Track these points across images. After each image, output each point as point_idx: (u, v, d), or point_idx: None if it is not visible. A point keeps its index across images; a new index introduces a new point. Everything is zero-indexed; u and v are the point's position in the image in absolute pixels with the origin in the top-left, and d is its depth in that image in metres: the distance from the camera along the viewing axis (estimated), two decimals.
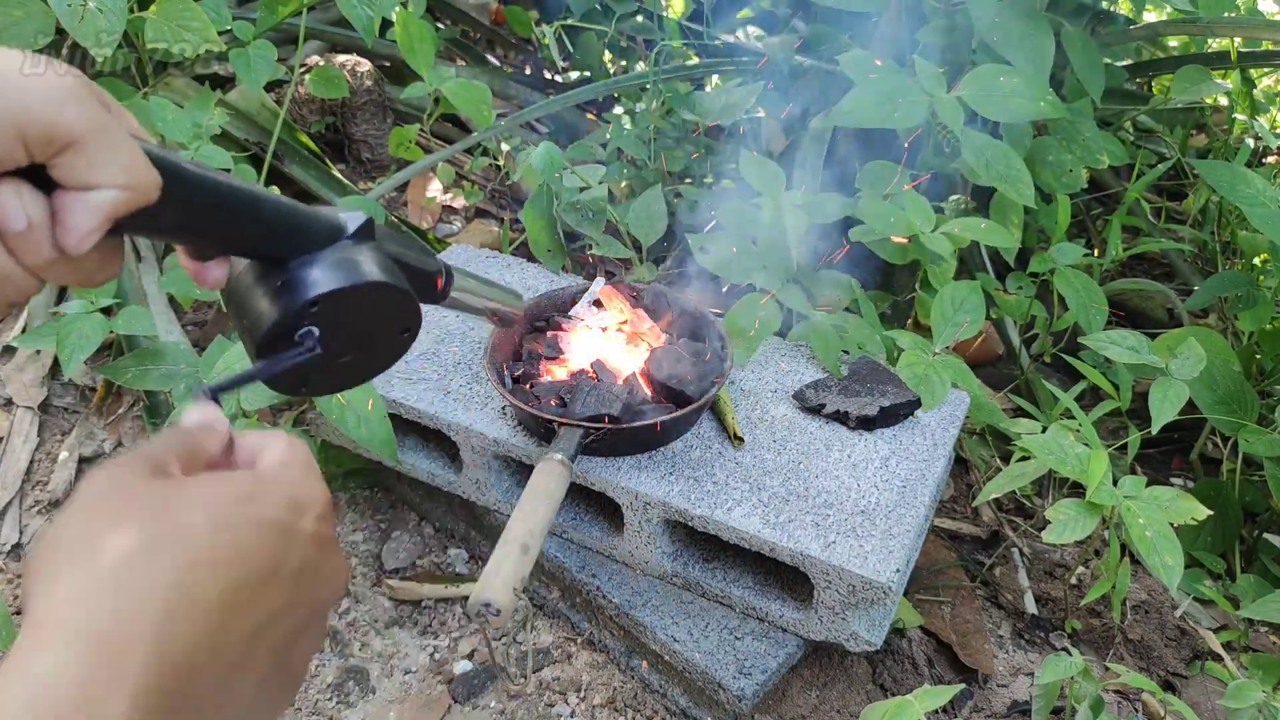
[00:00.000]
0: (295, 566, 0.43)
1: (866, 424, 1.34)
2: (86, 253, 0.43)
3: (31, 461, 1.58)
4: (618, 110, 2.14)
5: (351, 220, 0.56)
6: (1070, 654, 1.18)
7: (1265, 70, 2.45)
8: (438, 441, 1.44)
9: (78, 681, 0.34)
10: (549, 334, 1.43)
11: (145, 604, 0.37)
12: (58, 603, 0.37)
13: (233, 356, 1.31)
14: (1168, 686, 1.40)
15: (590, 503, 1.37)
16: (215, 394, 0.51)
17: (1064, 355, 1.73)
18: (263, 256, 0.53)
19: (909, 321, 1.76)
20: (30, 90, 0.40)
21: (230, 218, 0.49)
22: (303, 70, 2.04)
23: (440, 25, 2.69)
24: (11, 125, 0.39)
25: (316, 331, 0.53)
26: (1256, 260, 1.97)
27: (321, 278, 0.53)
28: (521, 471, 1.39)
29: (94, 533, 0.39)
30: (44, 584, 0.38)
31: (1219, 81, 1.96)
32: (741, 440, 1.31)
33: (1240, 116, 2.18)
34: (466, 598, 1.38)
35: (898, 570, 1.13)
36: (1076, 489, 1.31)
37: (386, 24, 1.75)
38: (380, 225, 0.59)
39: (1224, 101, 2.27)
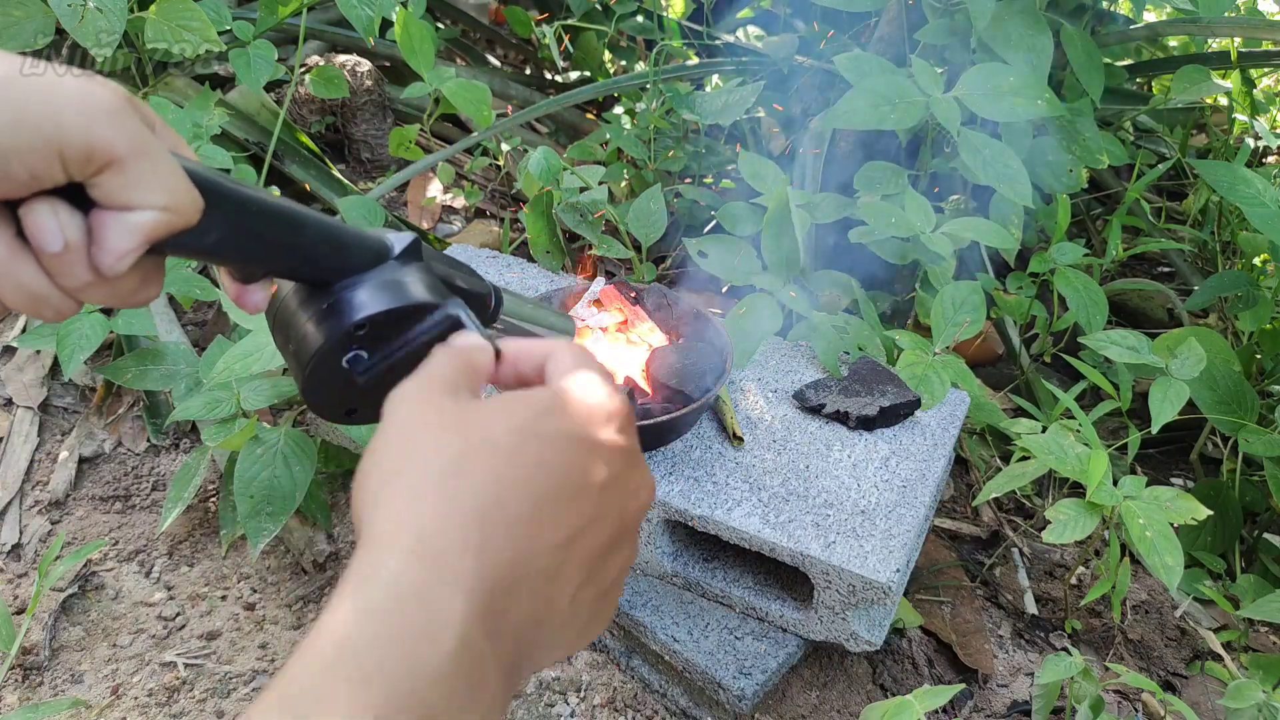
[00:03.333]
0: (601, 478, 0.43)
1: (866, 424, 1.34)
2: (125, 274, 0.42)
3: (31, 461, 1.58)
4: (618, 110, 2.14)
5: (398, 241, 0.54)
6: (1070, 654, 1.18)
7: (1265, 70, 2.45)
8: None
9: (418, 584, 0.37)
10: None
11: (464, 516, 0.39)
12: (390, 516, 0.39)
13: (232, 357, 1.31)
14: (1168, 686, 1.40)
15: None
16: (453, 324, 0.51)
17: (1064, 355, 1.73)
18: (307, 279, 0.52)
19: (909, 321, 1.76)
20: (69, 106, 0.38)
21: (273, 238, 0.48)
22: (303, 70, 2.04)
23: (440, 25, 2.69)
24: (50, 142, 0.38)
25: (366, 355, 0.51)
26: (1256, 260, 1.97)
27: (368, 299, 0.51)
28: None
29: (410, 453, 0.41)
30: (372, 502, 0.40)
31: (1219, 81, 1.96)
32: (741, 440, 1.31)
33: (1240, 116, 2.18)
34: None
35: (898, 570, 1.13)
36: (1076, 489, 1.31)
37: (386, 24, 1.75)
38: (427, 246, 0.57)
39: (1224, 101, 2.27)
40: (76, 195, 0.40)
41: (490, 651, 0.38)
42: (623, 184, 1.95)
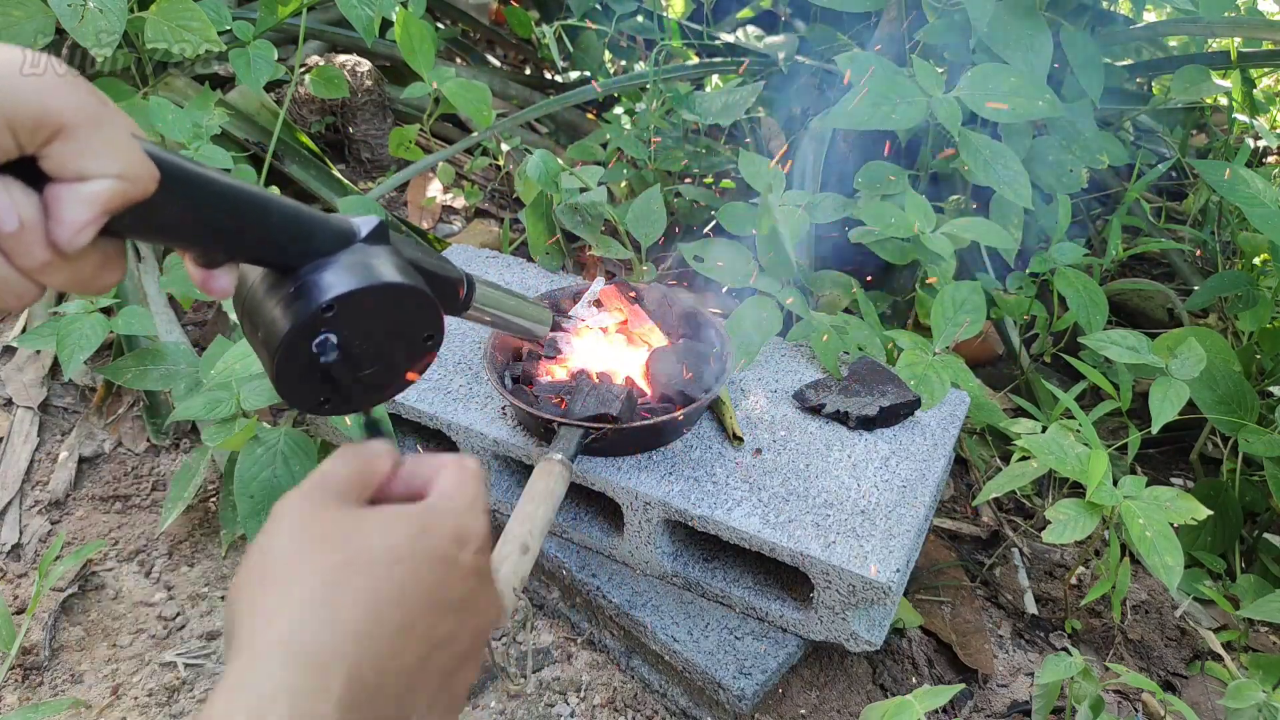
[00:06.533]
0: (457, 597, 0.46)
1: (866, 424, 1.34)
2: (85, 255, 0.42)
3: (31, 461, 1.58)
4: (618, 110, 2.13)
5: (364, 224, 0.54)
6: (1070, 654, 1.18)
7: (1265, 70, 2.45)
8: (438, 441, 1.44)
9: (292, 692, 0.38)
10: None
11: (341, 629, 0.41)
12: (269, 625, 0.41)
13: (232, 357, 1.31)
14: (1168, 686, 1.40)
15: (590, 503, 1.37)
16: (370, 428, 0.55)
17: (1064, 355, 1.73)
18: (272, 263, 0.51)
19: (909, 321, 1.76)
20: (18, 77, 0.39)
21: (234, 220, 0.47)
22: (303, 70, 2.04)
23: (440, 25, 2.69)
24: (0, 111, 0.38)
25: (335, 339, 0.51)
26: (1256, 260, 1.97)
27: (335, 281, 0.51)
28: (521, 471, 1.39)
29: (291, 561, 0.43)
30: (249, 609, 0.42)
31: (1219, 81, 1.96)
32: (741, 440, 1.31)
33: (1240, 116, 2.18)
34: None
35: (898, 570, 1.13)
36: (1076, 489, 1.31)
37: (386, 24, 1.75)
38: (395, 232, 0.56)
39: (1224, 101, 2.27)
40: (30, 176, 0.40)
41: None
42: (623, 184, 1.95)
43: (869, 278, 1.73)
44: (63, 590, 1.39)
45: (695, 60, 2.25)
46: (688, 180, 1.95)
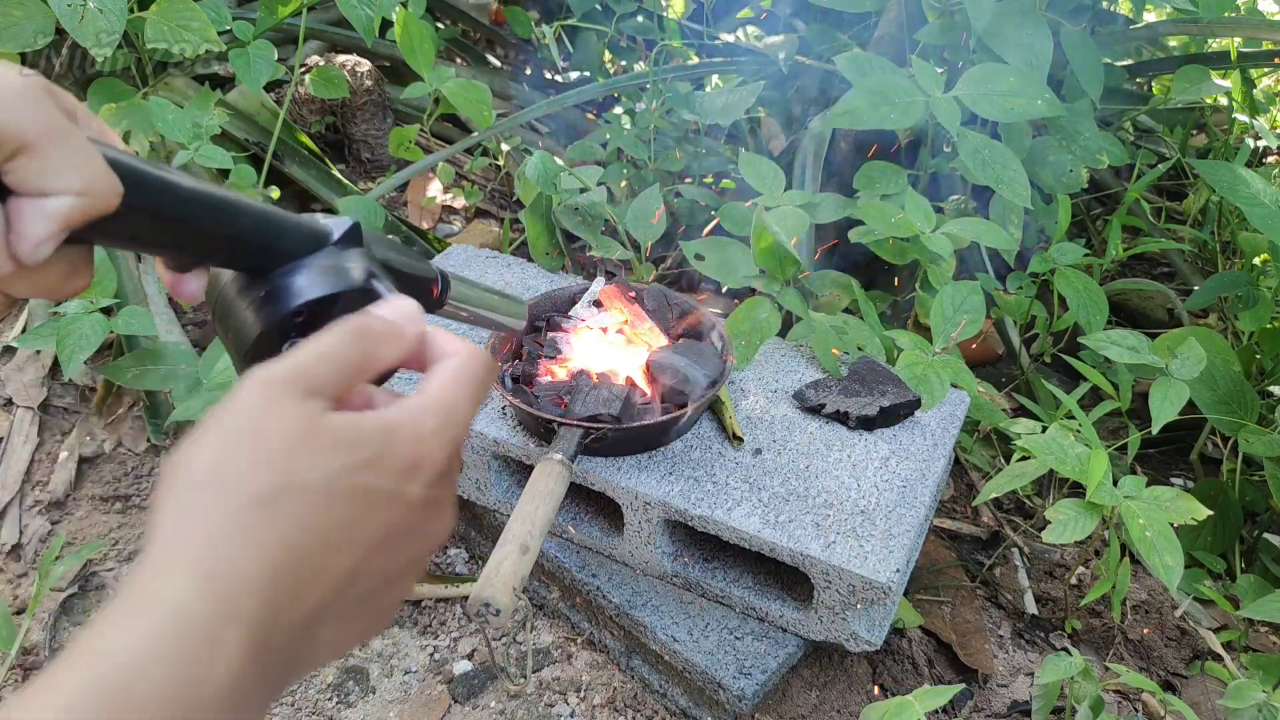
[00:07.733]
0: (398, 531, 0.44)
1: (866, 424, 1.34)
2: (50, 265, 0.42)
3: (31, 461, 1.58)
4: (618, 110, 2.13)
5: (337, 226, 0.53)
6: (1070, 654, 1.18)
7: (1265, 70, 2.45)
8: None
9: (204, 618, 0.38)
10: (549, 334, 1.43)
11: (260, 562, 0.40)
12: (185, 537, 0.40)
13: None
14: (1168, 686, 1.40)
15: (590, 503, 1.37)
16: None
17: (1064, 355, 1.73)
18: (243, 267, 0.51)
19: (909, 321, 1.76)
20: None
21: (201, 226, 0.47)
22: (303, 70, 2.04)
23: (440, 25, 2.69)
24: None
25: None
26: (1256, 260, 1.97)
27: (305, 285, 0.50)
28: (521, 471, 1.39)
29: (227, 467, 0.41)
30: (174, 507, 0.41)
31: (1219, 81, 1.96)
32: (741, 440, 1.31)
33: (1240, 116, 2.18)
34: (466, 598, 1.38)
35: (898, 570, 1.13)
36: (1076, 489, 1.31)
37: (386, 24, 1.75)
38: (369, 231, 0.56)
39: (1224, 101, 2.27)
40: None
41: (256, 686, 0.39)
42: (623, 184, 1.95)
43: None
44: (63, 590, 1.39)
45: (695, 60, 2.25)
46: (688, 180, 1.95)
